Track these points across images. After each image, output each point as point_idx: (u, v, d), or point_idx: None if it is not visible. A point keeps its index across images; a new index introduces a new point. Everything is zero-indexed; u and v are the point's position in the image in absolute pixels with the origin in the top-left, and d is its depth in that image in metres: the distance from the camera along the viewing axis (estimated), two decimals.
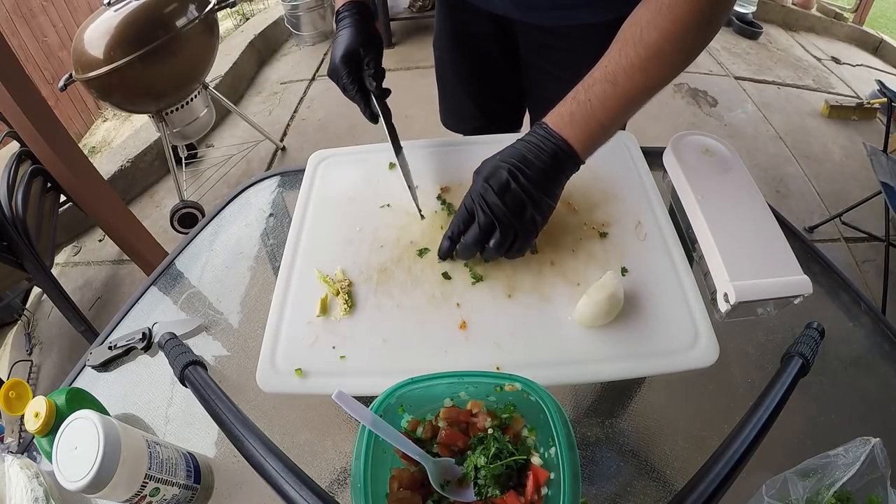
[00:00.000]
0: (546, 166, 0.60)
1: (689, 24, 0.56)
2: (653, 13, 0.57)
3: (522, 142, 0.62)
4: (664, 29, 0.56)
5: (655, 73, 0.58)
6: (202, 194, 2.33)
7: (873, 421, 0.61)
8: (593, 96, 0.59)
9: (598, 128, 0.61)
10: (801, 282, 0.61)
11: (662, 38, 0.56)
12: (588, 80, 0.61)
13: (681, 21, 0.55)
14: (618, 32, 0.61)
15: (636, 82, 0.58)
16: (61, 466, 0.49)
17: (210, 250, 0.86)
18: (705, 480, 0.45)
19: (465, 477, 0.47)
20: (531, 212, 0.60)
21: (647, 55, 0.57)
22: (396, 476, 0.47)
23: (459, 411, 0.50)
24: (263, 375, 0.60)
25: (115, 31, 1.76)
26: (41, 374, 1.86)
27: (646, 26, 0.57)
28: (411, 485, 0.47)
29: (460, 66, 1.05)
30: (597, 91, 0.59)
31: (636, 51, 0.57)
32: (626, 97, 0.59)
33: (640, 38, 0.57)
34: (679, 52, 0.58)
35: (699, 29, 0.57)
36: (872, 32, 3.69)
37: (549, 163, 0.60)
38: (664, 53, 0.57)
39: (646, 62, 0.57)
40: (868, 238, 2.09)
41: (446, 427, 0.49)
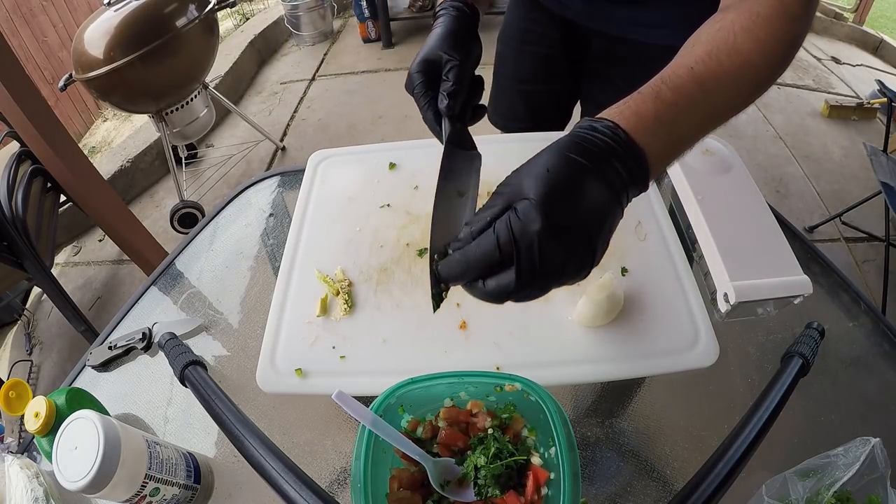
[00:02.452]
0: (613, 189, 0.41)
1: (782, 42, 0.50)
2: (747, 20, 0.50)
3: (584, 148, 0.41)
4: (759, 40, 0.49)
5: (745, 88, 0.50)
6: (202, 194, 2.33)
7: (873, 421, 0.61)
8: (682, 98, 0.45)
9: (679, 140, 0.46)
10: (801, 282, 0.61)
11: (757, 49, 0.49)
12: (671, 78, 0.47)
13: (775, 38, 0.49)
14: (700, 31, 0.53)
15: (726, 95, 0.48)
16: (61, 466, 0.49)
17: (210, 250, 0.86)
18: (705, 480, 0.45)
19: (465, 477, 0.47)
20: (585, 258, 0.40)
21: (741, 64, 0.48)
22: (396, 476, 0.47)
23: (459, 411, 0.50)
24: (263, 375, 0.60)
25: (115, 31, 1.76)
26: (41, 374, 1.86)
27: (740, 32, 0.49)
28: (411, 485, 0.47)
29: (521, 64, 1.04)
30: (686, 93, 0.46)
31: (729, 57, 0.48)
32: (713, 110, 0.48)
33: (733, 44, 0.48)
34: (767, 70, 0.50)
35: (788, 51, 0.51)
36: (872, 32, 3.69)
37: (617, 183, 0.41)
38: (756, 67, 0.49)
39: (738, 73, 0.48)
40: (868, 238, 2.09)
41: (446, 427, 0.49)
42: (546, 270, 0.39)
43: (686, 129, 0.46)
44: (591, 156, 0.41)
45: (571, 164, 0.40)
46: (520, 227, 0.39)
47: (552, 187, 0.39)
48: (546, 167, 0.41)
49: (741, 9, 0.51)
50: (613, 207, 0.41)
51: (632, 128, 0.43)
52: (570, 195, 0.40)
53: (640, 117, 0.44)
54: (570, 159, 0.41)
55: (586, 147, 0.41)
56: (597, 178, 0.40)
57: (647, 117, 0.44)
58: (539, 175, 0.40)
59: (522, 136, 0.87)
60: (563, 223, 0.39)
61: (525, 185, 0.40)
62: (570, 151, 0.41)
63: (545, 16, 0.94)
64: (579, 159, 0.40)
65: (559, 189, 0.39)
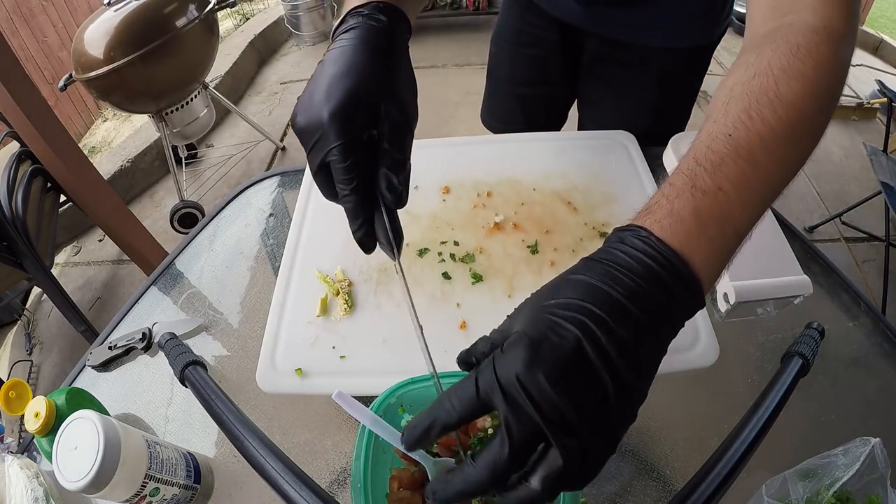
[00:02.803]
0: (653, 320, 0.32)
1: (832, 71, 0.41)
2: (786, 57, 0.40)
3: (603, 267, 0.33)
4: (806, 78, 0.39)
5: (800, 143, 0.39)
6: (202, 194, 2.33)
7: (873, 421, 0.61)
8: (726, 181, 0.36)
9: (733, 237, 0.36)
10: (801, 282, 0.61)
11: (805, 91, 0.39)
12: (707, 156, 0.37)
13: (823, 69, 0.40)
14: (729, 81, 0.42)
15: (782, 158, 0.38)
16: (61, 466, 0.49)
17: (210, 250, 0.86)
18: (705, 480, 0.45)
19: None
20: (614, 411, 0.31)
21: (791, 115, 0.38)
22: (396, 476, 0.47)
23: None
24: (263, 375, 0.60)
25: (115, 32, 1.76)
26: (41, 374, 1.86)
27: (780, 75, 0.39)
28: (411, 485, 0.47)
29: (517, 66, 1.03)
30: (730, 174, 0.36)
31: (775, 111, 0.38)
32: (768, 183, 0.37)
33: (776, 92, 0.39)
34: (820, 114, 0.40)
35: (839, 82, 0.42)
36: (872, 32, 3.69)
37: (658, 313, 0.32)
38: (808, 113, 0.39)
39: (790, 127, 0.38)
40: (868, 238, 2.09)
41: None
42: (553, 423, 0.29)
43: (739, 216, 0.36)
44: (616, 273, 0.32)
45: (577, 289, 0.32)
46: (512, 385, 0.30)
47: (548, 331, 0.31)
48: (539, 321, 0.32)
49: (775, 44, 0.42)
50: (646, 339, 0.32)
51: (668, 233, 0.33)
52: (576, 333, 0.30)
53: (679, 218, 0.34)
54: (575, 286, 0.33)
55: (603, 268, 0.33)
56: (620, 292, 0.32)
57: (684, 216, 0.34)
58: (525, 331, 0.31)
59: (521, 136, 0.87)
60: (569, 368, 0.30)
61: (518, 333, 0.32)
62: (567, 297, 0.32)
63: (541, 18, 0.93)
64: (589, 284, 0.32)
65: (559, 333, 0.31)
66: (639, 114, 0.92)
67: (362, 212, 0.43)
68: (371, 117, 0.41)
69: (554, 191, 0.75)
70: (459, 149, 0.84)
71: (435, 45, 3.30)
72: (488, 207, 0.74)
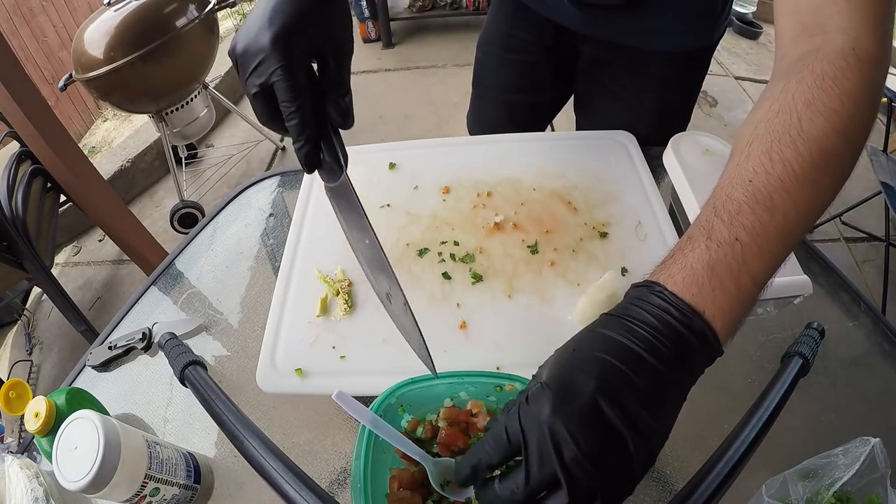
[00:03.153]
0: (670, 370, 0.33)
1: (862, 101, 0.39)
2: (811, 90, 0.39)
3: (621, 322, 0.35)
4: (834, 111, 0.38)
5: (825, 183, 0.38)
6: (202, 194, 2.33)
7: (873, 421, 0.61)
8: (742, 231, 0.35)
9: (751, 286, 0.36)
10: (801, 282, 0.61)
11: (832, 126, 0.37)
12: (725, 205, 0.37)
13: (853, 99, 0.38)
14: (754, 117, 0.41)
15: (803, 201, 0.37)
16: (61, 466, 0.49)
17: (210, 250, 0.86)
18: (705, 480, 0.44)
19: None
20: (633, 458, 0.32)
21: (815, 156, 0.37)
22: (396, 476, 0.47)
23: (459, 411, 0.50)
24: (263, 375, 0.60)
25: (115, 32, 1.76)
26: (41, 374, 1.86)
27: (805, 111, 0.38)
28: (411, 485, 0.47)
29: (504, 72, 1.00)
30: (747, 223, 0.36)
31: (797, 151, 0.37)
32: (789, 229, 0.36)
33: (799, 129, 0.38)
34: (849, 150, 0.39)
35: (872, 112, 0.40)
36: None
37: (674, 363, 0.33)
38: (835, 151, 0.37)
39: (814, 169, 0.37)
40: (868, 238, 2.09)
41: (446, 427, 0.49)
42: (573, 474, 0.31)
43: (757, 265, 0.35)
44: (635, 328, 0.34)
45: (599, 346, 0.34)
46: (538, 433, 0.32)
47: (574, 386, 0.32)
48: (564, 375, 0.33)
49: (801, 74, 0.40)
50: (665, 390, 0.33)
51: (682, 289, 0.34)
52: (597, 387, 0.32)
53: (693, 274, 0.35)
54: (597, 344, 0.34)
55: (621, 323, 0.34)
56: (640, 346, 0.33)
57: (698, 272, 0.35)
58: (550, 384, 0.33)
59: (521, 136, 0.87)
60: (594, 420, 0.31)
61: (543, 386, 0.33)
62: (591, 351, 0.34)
63: (531, 22, 0.91)
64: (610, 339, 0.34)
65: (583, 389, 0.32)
66: (640, 117, 0.92)
67: (307, 128, 0.43)
68: (310, 45, 0.42)
69: (554, 191, 0.75)
70: (459, 149, 0.84)
71: (435, 45, 3.31)
72: (488, 207, 0.74)
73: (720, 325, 0.34)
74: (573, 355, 0.34)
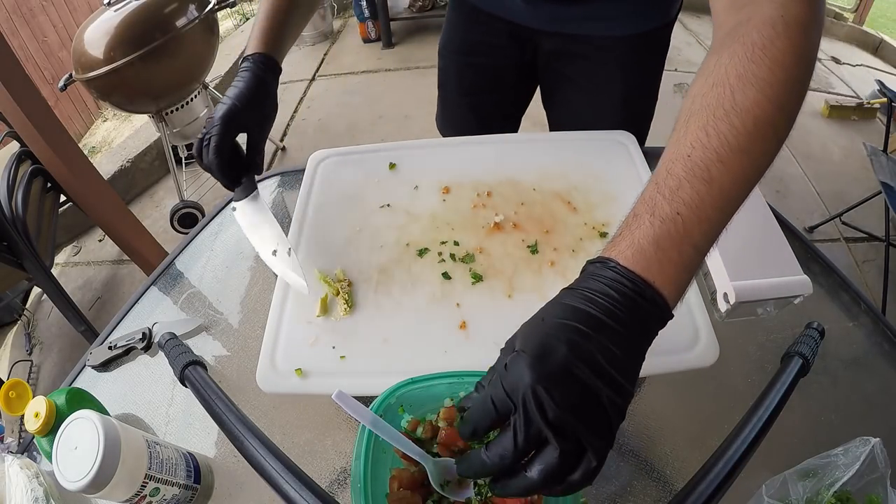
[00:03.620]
0: (628, 331, 0.36)
1: (794, 66, 0.40)
2: (742, 62, 0.41)
3: (581, 293, 0.38)
4: (764, 81, 0.40)
5: (760, 152, 0.40)
6: (202, 194, 2.33)
7: (873, 421, 0.61)
8: (682, 206, 0.38)
9: (693, 253, 0.39)
10: (801, 282, 0.61)
11: (763, 96, 0.40)
12: (665, 179, 0.40)
13: (783, 66, 0.40)
14: (693, 90, 0.43)
15: (739, 170, 0.39)
16: (61, 466, 0.49)
17: (210, 250, 0.86)
18: (705, 480, 0.45)
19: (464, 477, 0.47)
20: (608, 409, 0.35)
21: (748, 126, 0.39)
22: (396, 476, 0.47)
23: None
24: (263, 375, 0.60)
25: (115, 32, 1.76)
26: (41, 374, 1.86)
27: (737, 83, 0.40)
28: (411, 485, 0.47)
29: (467, 76, 1.01)
30: (686, 197, 0.39)
31: (731, 124, 0.39)
32: (725, 197, 0.39)
33: (732, 101, 0.40)
34: (783, 114, 0.41)
35: (804, 76, 0.41)
36: (872, 32, 3.69)
37: (631, 325, 0.37)
38: (767, 117, 0.40)
39: (747, 139, 0.39)
40: (868, 238, 2.09)
41: (446, 427, 0.49)
42: (556, 425, 0.34)
43: (699, 236, 0.39)
44: (594, 297, 0.37)
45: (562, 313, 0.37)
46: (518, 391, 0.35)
47: (546, 345, 0.35)
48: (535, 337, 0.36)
49: (732, 48, 0.42)
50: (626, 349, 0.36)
51: (631, 261, 0.38)
52: (567, 345, 0.35)
53: (640, 249, 0.38)
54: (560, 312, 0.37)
55: (582, 294, 0.37)
56: (598, 311, 0.36)
57: (645, 246, 0.38)
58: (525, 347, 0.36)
59: (521, 136, 0.87)
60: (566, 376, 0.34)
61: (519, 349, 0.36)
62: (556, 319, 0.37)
63: (488, 24, 0.91)
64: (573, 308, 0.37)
65: (554, 347, 0.35)
66: (606, 104, 0.93)
67: (227, 172, 0.67)
68: (242, 122, 0.66)
69: (554, 191, 0.75)
70: (459, 149, 0.84)
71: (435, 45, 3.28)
72: (488, 207, 0.74)
73: (668, 291, 0.38)
74: (542, 324, 0.37)
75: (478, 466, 0.37)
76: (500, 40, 0.93)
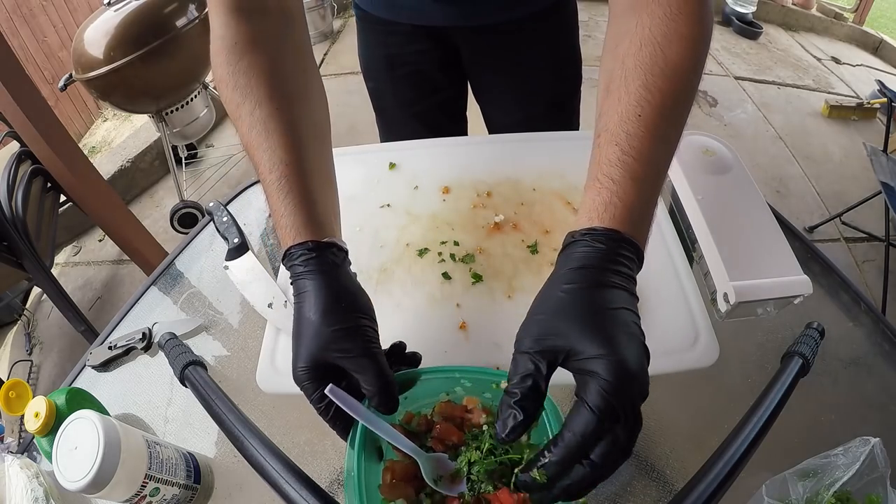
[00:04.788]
0: (628, 282, 0.40)
1: (704, 20, 0.46)
2: (664, 22, 0.45)
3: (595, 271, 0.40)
4: (685, 37, 0.45)
5: (690, 96, 0.46)
6: (202, 194, 2.33)
7: (873, 421, 0.61)
8: (647, 165, 0.42)
9: (652, 200, 0.44)
10: (801, 282, 0.61)
11: (687, 50, 0.44)
12: (627, 141, 0.43)
13: (696, 19, 0.45)
14: (619, 51, 0.46)
15: (681, 122, 0.45)
16: (61, 466, 0.49)
17: (210, 250, 0.86)
18: (705, 480, 0.45)
19: (458, 472, 0.47)
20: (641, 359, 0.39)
21: (679, 80, 0.44)
22: (390, 467, 0.47)
23: (455, 406, 0.50)
24: (263, 375, 0.60)
25: (115, 31, 1.76)
26: (41, 374, 1.86)
27: (663, 42, 0.44)
28: (405, 476, 0.47)
29: (402, 90, 1.01)
30: (649, 156, 0.43)
31: (667, 80, 0.44)
32: (673, 149, 0.45)
33: (665, 59, 0.44)
34: (699, 62, 0.46)
35: (710, 29, 0.47)
36: (872, 32, 3.69)
37: (630, 277, 0.41)
38: (692, 68, 0.45)
39: (680, 92, 0.44)
40: (868, 238, 2.09)
41: (441, 421, 0.49)
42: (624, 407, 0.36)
43: (656, 187, 0.44)
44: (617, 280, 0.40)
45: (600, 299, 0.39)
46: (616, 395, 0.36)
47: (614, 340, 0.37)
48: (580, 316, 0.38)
49: (650, 7, 0.45)
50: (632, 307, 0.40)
51: (624, 225, 0.41)
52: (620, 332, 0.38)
53: (629, 208, 0.41)
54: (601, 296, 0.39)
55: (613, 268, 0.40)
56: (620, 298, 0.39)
57: (633, 206, 0.41)
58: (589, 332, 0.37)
59: (521, 136, 0.87)
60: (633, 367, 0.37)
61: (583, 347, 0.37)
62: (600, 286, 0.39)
63: (401, 33, 0.92)
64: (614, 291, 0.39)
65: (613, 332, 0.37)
66: (538, 82, 0.95)
67: (345, 433, 0.47)
68: (332, 368, 0.45)
69: (553, 191, 0.75)
70: (459, 149, 0.84)
71: None
72: (488, 207, 0.74)
73: (641, 239, 0.42)
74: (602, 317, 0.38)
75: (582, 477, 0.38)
76: (420, 45, 0.93)
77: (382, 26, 0.93)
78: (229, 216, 0.81)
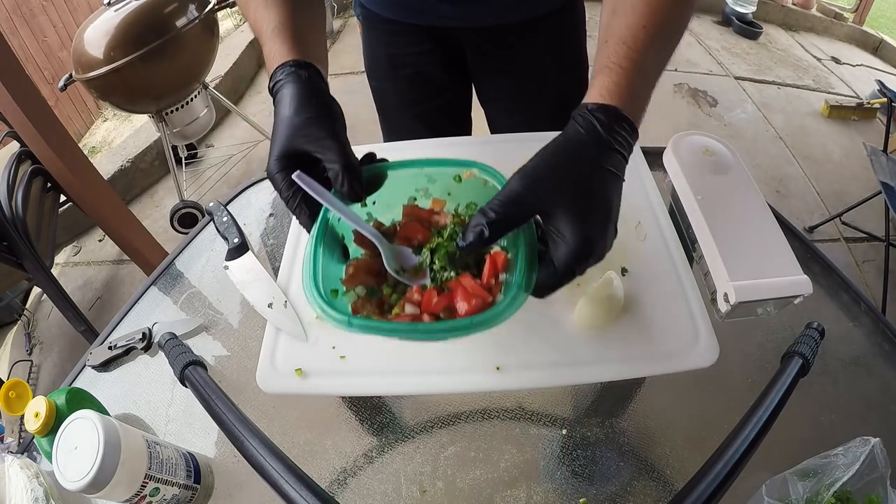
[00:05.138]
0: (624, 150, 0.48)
1: None
2: None
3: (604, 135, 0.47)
4: None
5: (682, 21, 0.54)
6: (202, 194, 2.33)
7: (873, 421, 0.61)
8: (649, 65, 0.50)
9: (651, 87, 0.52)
10: (801, 282, 0.61)
11: None
12: (634, 44, 0.50)
13: None
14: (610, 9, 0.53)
15: (672, 35, 0.54)
16: (61, 466, 0.49)
17: (210, 250, 0.86)
18: (705, 480, 0.45)
19: (421, 266, 0.47)
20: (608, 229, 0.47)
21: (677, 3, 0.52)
22: (353, 262, 0.47)
23: (422, 209, 0.50)
24: (263, 375, 0.60)
25: (115, 31, 1.76)
26: (41, 374, 1.86)
27: None
28: (367, 270, 0.47)
29: (404, 91, 1.01)
30: (650, 58, 0.50)
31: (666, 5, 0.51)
32: (665, 55, 0.54)
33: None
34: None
35: None
36: (872, 32, 3.69)
37: (626, 145, 0.48)
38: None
39: (675, 12, 0.52)
40: (868, 238, 2.10)
41: (408, 221, 0.49)
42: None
43: (653, 82, 0.52)
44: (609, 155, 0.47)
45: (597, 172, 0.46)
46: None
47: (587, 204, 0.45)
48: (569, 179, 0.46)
49: None
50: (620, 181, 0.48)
51: (626, 106, 0.48)
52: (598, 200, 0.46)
53: (633, 96, 0.49)
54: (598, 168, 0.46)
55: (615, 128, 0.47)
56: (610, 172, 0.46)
57: (636, 94, 0.49)
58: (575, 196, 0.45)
59: (521, 136, 0.86)
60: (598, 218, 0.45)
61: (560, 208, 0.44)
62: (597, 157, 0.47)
63: (407, 33, 0.91)
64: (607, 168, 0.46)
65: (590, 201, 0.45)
66: (542, 84, 0.94)
67: (308, 223, 0.50)
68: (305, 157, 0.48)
69: None
70: (461, 149, 0.84)
71: None
72: None
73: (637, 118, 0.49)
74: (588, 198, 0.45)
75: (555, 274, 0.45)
76: (423, 46, 0.93)
77: (386, 26, 0.92)
78: (229, 216, 0.81)
